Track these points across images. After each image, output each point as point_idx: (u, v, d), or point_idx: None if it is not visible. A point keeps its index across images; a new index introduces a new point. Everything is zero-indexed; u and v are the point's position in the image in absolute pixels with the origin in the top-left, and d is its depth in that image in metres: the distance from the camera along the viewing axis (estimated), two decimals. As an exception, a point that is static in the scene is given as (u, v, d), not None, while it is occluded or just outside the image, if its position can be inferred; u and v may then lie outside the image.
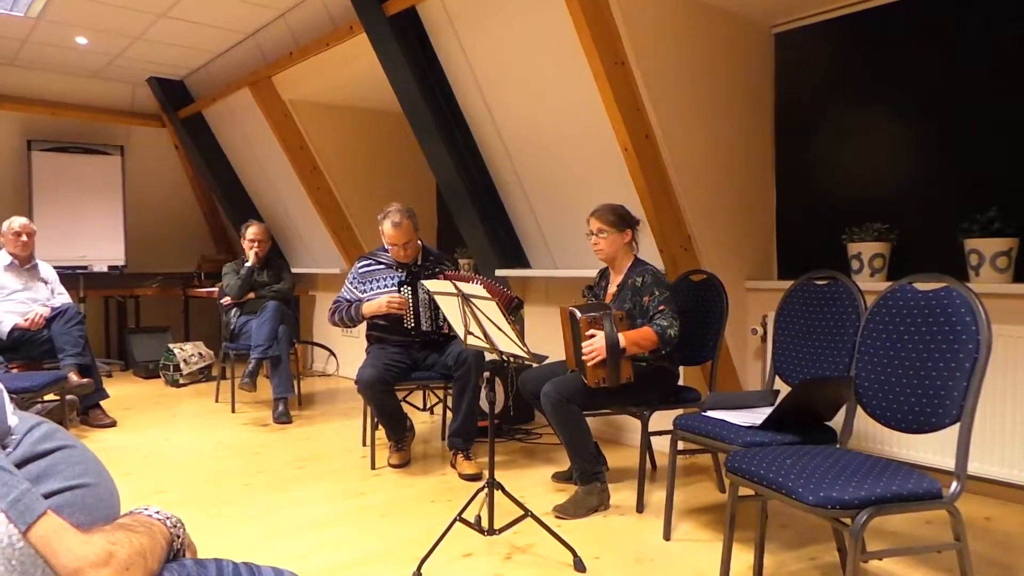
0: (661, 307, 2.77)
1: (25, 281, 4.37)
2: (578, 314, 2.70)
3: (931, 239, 3.24)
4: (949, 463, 1.82)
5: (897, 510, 1.67)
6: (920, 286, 2.01)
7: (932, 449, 2.97)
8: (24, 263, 4.38)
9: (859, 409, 2.12)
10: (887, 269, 3.28)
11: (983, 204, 2.96)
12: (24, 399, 3.46)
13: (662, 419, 2.87)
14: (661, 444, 3.06)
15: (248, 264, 4.80)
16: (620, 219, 2.91)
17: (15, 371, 4.01)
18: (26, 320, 4.17)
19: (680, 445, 2.57)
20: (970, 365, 1.80)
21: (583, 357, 2.66)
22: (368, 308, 3.41)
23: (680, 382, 3.07)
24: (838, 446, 2.14)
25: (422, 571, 2.22)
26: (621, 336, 2.64)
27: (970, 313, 1.83)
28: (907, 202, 3.32)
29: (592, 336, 2.65)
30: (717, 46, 3.53)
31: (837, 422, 2.21)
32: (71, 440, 0.95)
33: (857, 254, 3.32)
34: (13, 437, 0.90)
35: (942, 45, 3.19)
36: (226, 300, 4.82)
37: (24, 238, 4.34)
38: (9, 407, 0.92)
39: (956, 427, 1.81)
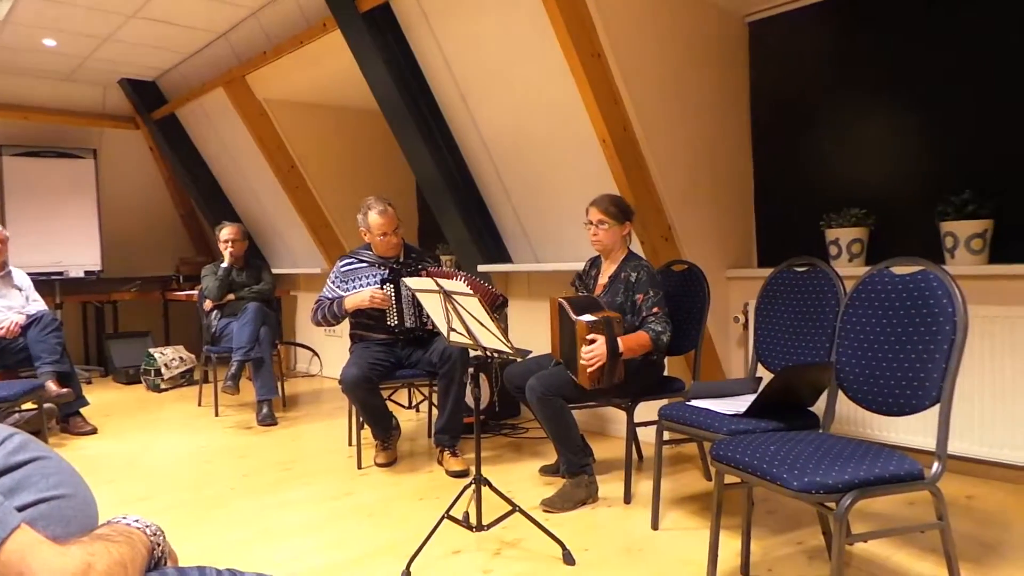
0: (655, 309, 2.77)
1: (-2, 289, 4.29)
2: (573, 316, 2.66)
3: (908, 223, 3.27)
4: (930, 444, 1.85)
5: (880, 492, 1.69)
6: (897, 270, 2.03)
7: (913, 431, 3.01)
8: (-3, 271, 4.31)
9: (840, 394, 2.14)
10: (865, 254, 3.32)
11: (958, 187, 3.00)
12: (1, 409, 3.41)
13: (647, 410, 2.88)
14: (647, 435, 3.07)
15: (224, 265, 4.75)
16: (621, 211, 2.91)
17: (-9, 381, 3.94)
18: (1, 328, 4.10)
19: (666, 435, 2.58)
20: (948, 347, 1.82)
21: (582, 362, 2.63)
22: (351, 301, 3.38)
23: (664, 372, 3.09)
24: (821, 431, 2.15)
25: (411, 569, 2.21)
26: (620, 341, 2.63)
27: (946, 295, 1.85)
28: (884, 187, 3.35)
29: (592, 341, 2.62)
30: (692, 36, 3.54)
31: (819, 407, 2.23)
32: (45, 451, 0.93)
33: (835, 240, 3.35)
34: (-15, 450, 0.88)
35: (914, 30, 3.21)
36: (207, 304, 4.77)
37: (-4, 245, 4.26)
38: (-20, 420, 0.90)
39: (936, 408, 1.83)
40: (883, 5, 3.29)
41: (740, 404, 2.36)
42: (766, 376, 2.39)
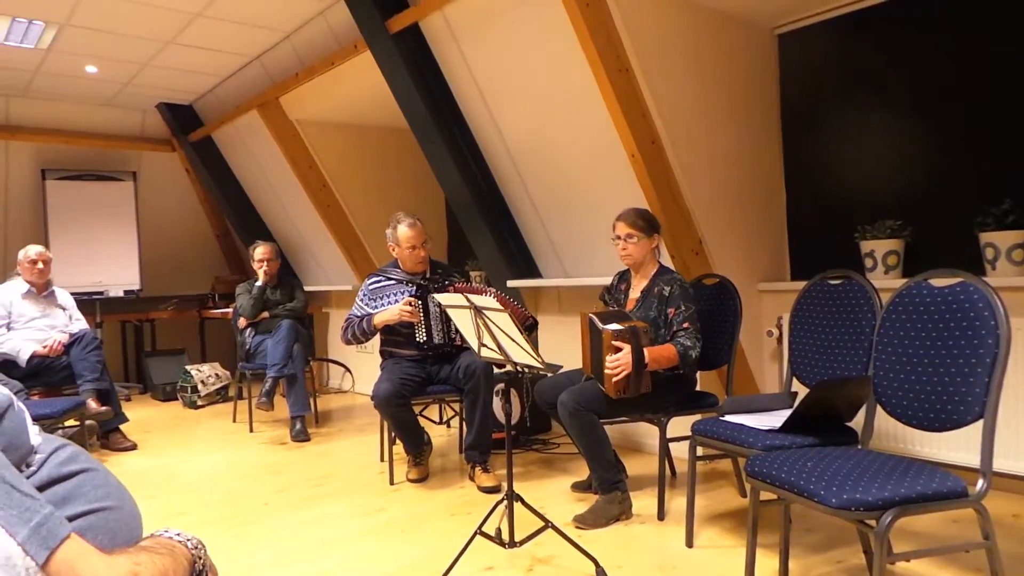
0: (686, 324, 2.76)
1: (43, 308, 4.41)
2: (600, 325, 2.67)
3: (945, 234, 3.21)
4: (974, 461, 1.80)
5: (922, 510, 1.65)
6: (936, 282, 2.00)
7: (956, 447, 2.93)
8: (41, 290, 4.43)
9: (879, 409, 2.09)
10: (901, 266, 3.26)
11: (997, 197, 2.94)
12: (45, 425, 3.49)
13: (680, 425, 2.85)
14: (680, 450, 3.03)
15: (259, 284, 4.84)
16: (649, 224, 2.91)
17: (35, 398, 4.05)
18: (44, 347, 4.21)
19: (699, 451, 2.55)
20: (990, 360, 1.78)
21: (606, 370, 2.63)
22: (380, 317, 3.41)
23: (696, 387, 3.05)
24: (859, 447, 2.11)
25: (444, 586, 2.21)
26: (646, 352, 2.63)
27: (988, 308, 1.81)
28: (919, 198, 3.30)
29: (618, 349, 2.62)
30: (720, 49, 3.53)
31: (858, 423, 2.19)
32: (94, 463, 0.96)
33: (871, 252, 3.29)
34: (37, 456, 0.90)
35: (948, 38, 3.17)
36: (242, 321, 4.86)
37: (41, 265, 4.39)
38: (33, 428, 0.93)
39: (979, 424, 1.78)
40: (915, 13, 3.25)
41: (775, 419, 2.32)
42: (801, 391, 2.36)
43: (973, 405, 1.80)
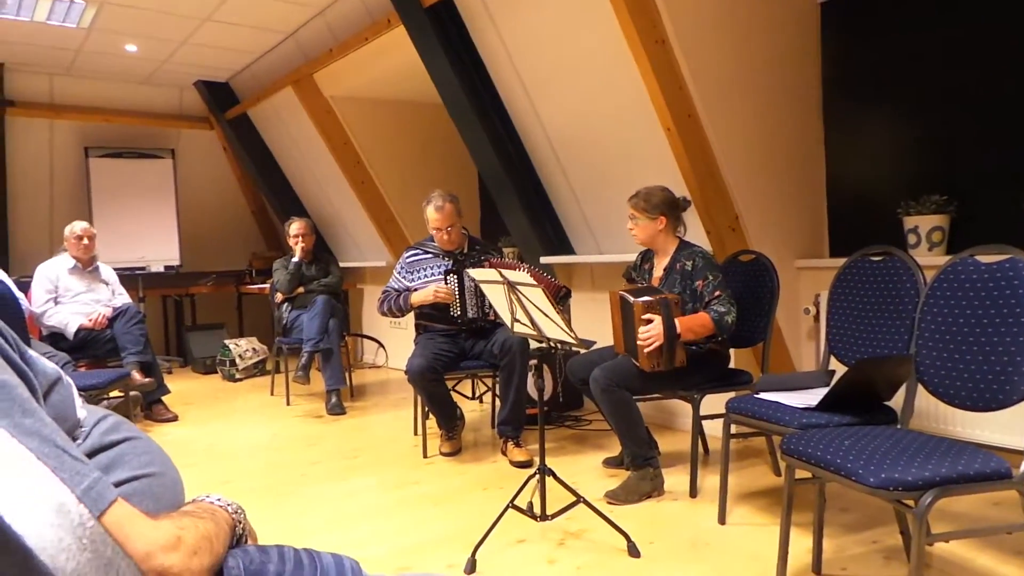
0: (717, 292, 2.73)
1: (88, 283, 4.54)
2: (631, 299, 2.66)
3: (993, 210, 3.10)
4: (1018, 442, 1.76)
5: (963, 491, 1.62)
6: (983, 258, 1.94)
7: (1000, 428, 2.85)
8: (87, 266, 4.56)
9: (920, 388, 2.05)
10: (946, 243, 3.16)
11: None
12: (91, 396, 3.60)
13: (713, 402, 2.83)
14: (713, 428, 3.02)
15: (295, 259, 4.90)
16: (652, 206, 2.86)
17: (82, 370, 4.18)
18: (90, 320, 4.34)
19: (733, 428, 2.53)
20: (1039, 339, 1.72)
21: (638, 342, 2.62)
22: (416, 298, 3.45)
23: (731, 365, 3.02)
24: (899, 426, 2.08)
25: (476, 557, 2.24)
26: (677, 322, 2.61)
27: (1038, 285, 1.76)
28: (965, 172, 3.19)
29: (649, 321, 2.61)
30: (760, 19, 3.43)
31: (897, 402, 2.15)
32: (136, 432, 0.99)
33: (914, 228, 3.20)
34: (82, 429, 0.94)
35: (995, 10, 3.04)
36: (278, 297, 4.94)
37: (86, 241, 4.51)
38: (78, 401, 0.96)
39: (1025, 404, 1.74)
40: (967, -20, 3.12)
41: (811, 398, 2.29)
42: (839, 370, 2.32)
43: (1019, 385, 1.76)
